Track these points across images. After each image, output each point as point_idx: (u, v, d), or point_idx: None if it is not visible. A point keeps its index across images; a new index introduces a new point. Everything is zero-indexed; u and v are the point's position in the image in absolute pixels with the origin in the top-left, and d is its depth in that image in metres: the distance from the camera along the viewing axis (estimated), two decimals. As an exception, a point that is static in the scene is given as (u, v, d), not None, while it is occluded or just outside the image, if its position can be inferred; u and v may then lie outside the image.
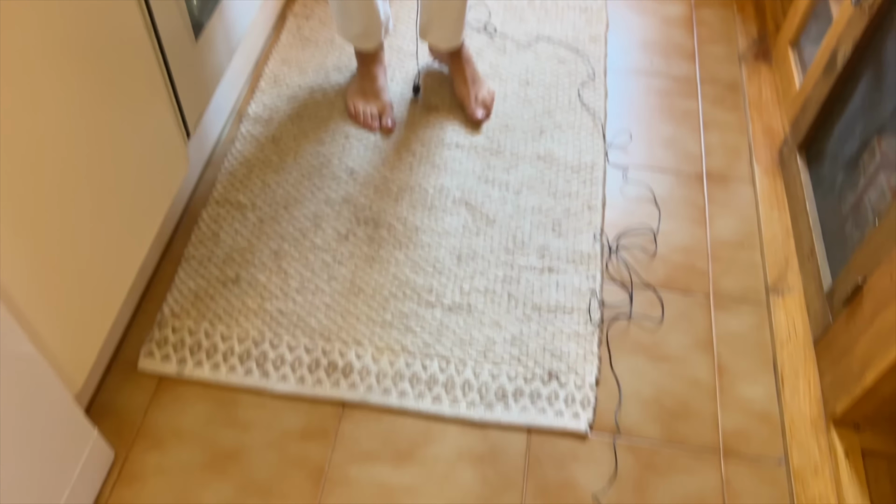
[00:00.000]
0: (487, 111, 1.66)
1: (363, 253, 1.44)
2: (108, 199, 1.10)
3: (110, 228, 1.12)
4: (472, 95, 1.64)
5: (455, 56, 1.65)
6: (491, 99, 1.67)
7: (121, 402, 1.25)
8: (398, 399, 1.26)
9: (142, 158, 1.18)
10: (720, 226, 1.52)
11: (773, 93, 1.73)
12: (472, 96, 1.64)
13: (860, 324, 1.17)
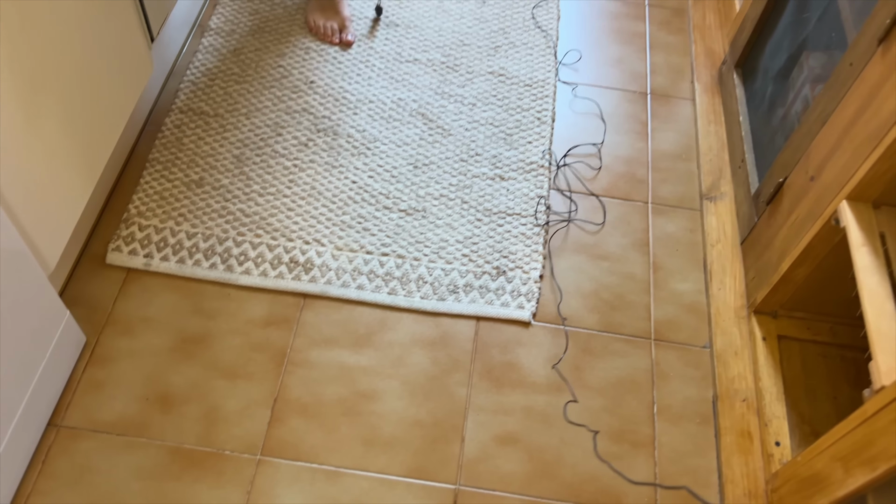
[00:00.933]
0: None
1: (323, 160, 1.50)
2: (76, 93, 1.14)
3: (80, 119, 1.16)
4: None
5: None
6: None
7: (91, 292, 1.31)
8: (356, 291, 1.35)
9: (108, 57, 1.22)
10: (661, 139, 1.61)
11: (717, 17, 1.82)
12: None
13: (779, 219, 1.28)
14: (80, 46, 1.14)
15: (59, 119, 1.11)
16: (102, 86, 1.22)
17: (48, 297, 1.12)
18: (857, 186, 1.05)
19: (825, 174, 1.14)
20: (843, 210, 1.07)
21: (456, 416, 1.24)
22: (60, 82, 1.10)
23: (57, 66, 1.09)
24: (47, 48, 1.06)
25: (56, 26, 1.07)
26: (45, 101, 1.07)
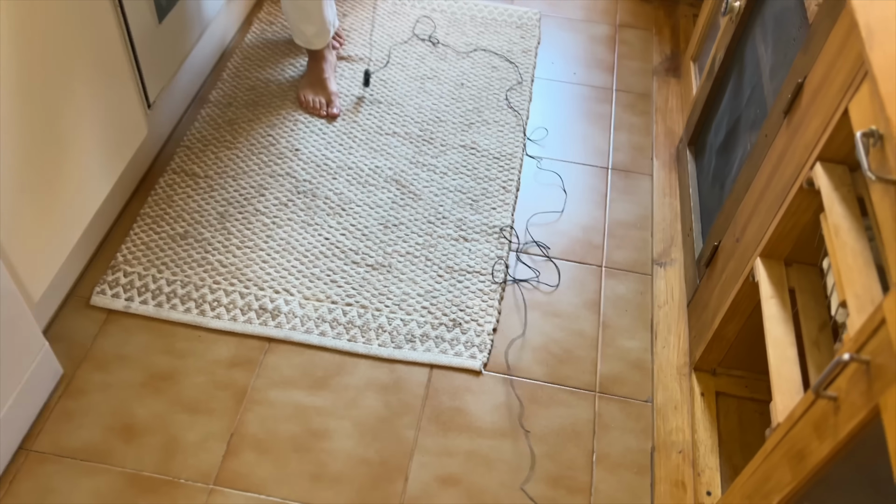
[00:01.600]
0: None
1: (300, 218, 1.63)
2: (71, 146, 1.28)
3: (73, 171, 1.30)
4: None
5: None
6: None
7: (73, 329, 1.42)
8: (318, 337, 1.44)
9: (103, 117, 1.37)
10: (618, 209, 1.72)
11: (678, 101, 1.95)
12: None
13: (714, 280, 1.37)
14: (77, 104, 1.29)
15: (53, 168, 1.25)
16: (96, 142, 1.37)
17: (27, 328, 1.23)
18: (768, 244, 1.14)
19: (747, 235, 1.23)
20: (758, 266, 1.16)
21: (402, 457, 1.30)
22: (55, 134, 1.25)
23: (53, 119, 1.23)
24: (45, 102, 1.20)
25: (55, 84, 1.22)
26: (41, 150, 1.21)
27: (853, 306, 0.85)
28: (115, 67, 1.39)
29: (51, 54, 1.19)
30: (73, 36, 1.24)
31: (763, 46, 1.37)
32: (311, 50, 1.86)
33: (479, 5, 2.21)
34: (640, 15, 2.25)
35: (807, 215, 1.07)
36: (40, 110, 1.19)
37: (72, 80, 1.26)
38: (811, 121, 1.04)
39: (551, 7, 2.24)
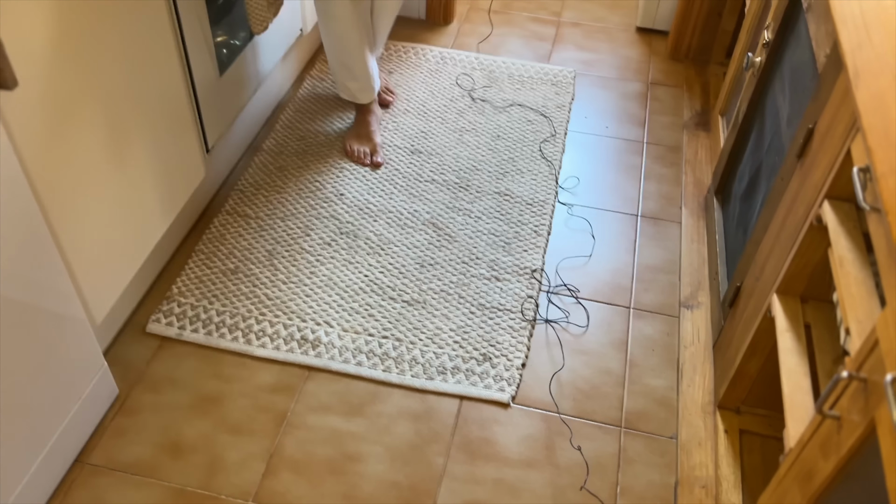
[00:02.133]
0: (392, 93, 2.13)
1: (342, 257, 1.73)
2: (136, 183, 1.42)
3: (137, 208, 1.43)
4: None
5: None
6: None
7: (129, 355, 1.53)
8: (355, 367, 1.51)
9: (168, 159, 1.51)
10: (647, 254, 1.78)
11: (707, 153, 2.03)
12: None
13: (737, 319, 1.41)
14: (144, 146, 1.42)
15: (120, 202, 1.38)
16: (159, 181, 1.50)
17: (90, 349, 1.34)
18: (784, 281, 1.19)
19: (765, 274, 1.29)
20: (774, 302, 1.20)
21: (431, 483, 1.35)
22: (124, 172, 1.38)
23: (122, 158, 1.37)
24: (116, 142, 1.34)
25: (125, 126, 1.36)
26: (110, 185, 1.34)
27: (855, 331, 0.90)
28: (179, 114, 1.53)
29: (124, 98, 1.33)
30: (145, 84, 1.39)
31: (781, 97, 1.44)
32: (358, 104, 2.00)
33: (516, 64, 2.33)
34: (672, 73, 2.34)
35: (818, 252, 1.12)
36: (112, 149, 1.33)
37: (141, 124, 1.40)
38: (820, 162, 1.11)
39: (586, 66, 2.36)
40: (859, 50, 0.86)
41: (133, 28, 1.32)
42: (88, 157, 1.27)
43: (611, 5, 2.66)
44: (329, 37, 1.88)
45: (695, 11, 2.29)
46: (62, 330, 1.25)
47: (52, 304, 1.21)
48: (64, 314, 1.25)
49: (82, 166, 1.25)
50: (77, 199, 1.26)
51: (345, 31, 1.84)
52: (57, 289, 1.22)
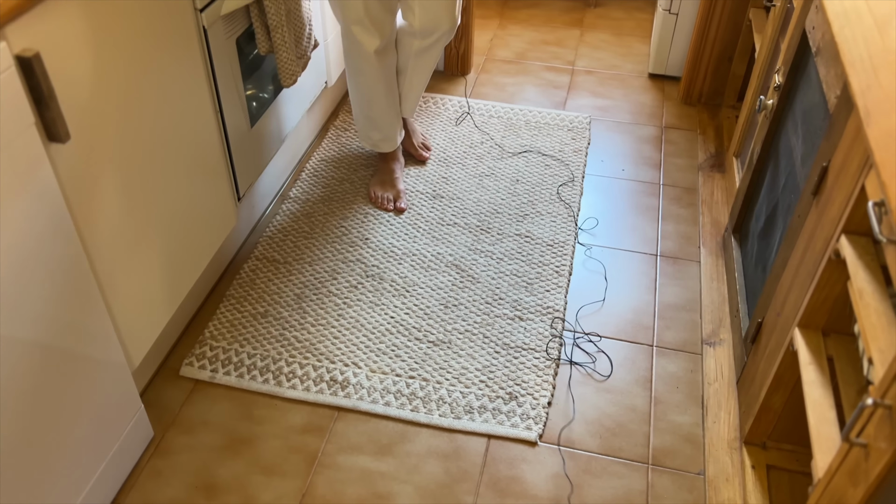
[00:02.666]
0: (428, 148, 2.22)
1: (368, 299, 1.77)
2: (172, 231, 1.47)
3: (173, 254, 1.48)
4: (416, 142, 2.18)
5: None
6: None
7: (163, 398, 1.56)
8: (383, 407, 1.54)
9: (200, 207, 1.57)
10: (667, 293, 1.81)
11: (723, 194, 2.07)
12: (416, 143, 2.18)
13: (759, 355, 1.43)
14: (180, 195, 1.49)
15: (155, 250, 1.44)
16: (193, 229, 1.56)
17: (128, 391, 1.38)
18: (805, 315, 1.21)
19: (786, 309, 1.31)
20: (796, 336, 1.23)
21: (461, 521, 1.37)
22: (160, 221, 1.44)
23: (159, 208, 1.43)
24: (154, 193, 1.40)
25: (163, 177, 1.42)
26: (147, 234, 1.40)
27: (878, 360, 0.92)
28: (214, 165, 1.60)
29: (164, 150, 1.40)
30: (183, 136, 1.45)
31: (795, 138, 1.49)
32: (381, 151, 2.07)
33: (532, 111, 2.40)
34: (685, 117, 2.40)
35: (838, 286, 1.15)
36: (151, 199, 1.39)
37: (178, 175, 1.46)
38: (836, 199, 1.14)
39: (600, 112, 2.42)
40: (869, 91, 0.91)
41: (173, 84, 1.39)
42: (130, 206, 1.33)
43: (623, 53, 2.74)
44: (356, 90, 1.96)
45: (705, 57, 2.36)
46: (102, 374, 1.29)
47: (95, 349, 1.26)
48: (105, 359, 1.29)
49: (124, 215, 1.31)
50: (119, 247, 1.31)
51: (371, 85, 1.92)
52: (100, 335, 1.27)
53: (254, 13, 1.60)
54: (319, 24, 2.02)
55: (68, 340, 1.18)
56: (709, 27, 2.30)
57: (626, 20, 2.96)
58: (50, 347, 1.15)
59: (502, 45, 2.77)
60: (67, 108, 1.11)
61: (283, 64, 1.70)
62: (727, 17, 2.27)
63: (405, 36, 1.92)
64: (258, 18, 1.61)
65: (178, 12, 1.38)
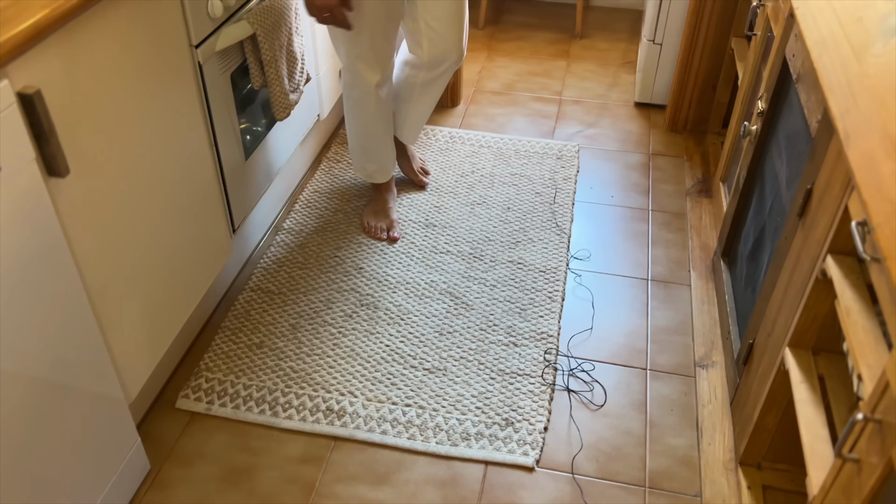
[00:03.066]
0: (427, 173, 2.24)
1: (363, 328, 1.78)
2: (167, 262, 1.49)
3: (169, 287, 1.50)
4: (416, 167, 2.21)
5: None
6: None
7: (160, 430, 1.56)
8: (380, 436, 1.55)
9: (197, 239, 1.59)
10: (659, 317, 1.83)
11: (711, 218, 2.10)
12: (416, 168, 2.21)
13: (752, 376, 1.45)
14: (176, 229, 1.50)
15: (152, 282, 1.45)
16: (188, 262, 1.57)
17: (125, 425, 1.38)
18: (795, 334, 1.23)
19: (776, 329, 1.33)
20: (787, 356, 1.25)
21: (460, 548, 1.36)
22: (157, 254, 1.45)
23: (156, 242, 1.44)
24: (149, 228, 1.42)
25: (161, 211, 1.44)
26: (143, 268, 1.41)
27: (866, 376, 0.94)
28: (209, 198, 1.62)
29: (160, 184, 1.42)
30: (179, 170, 1.47)
31: (779, 161, 1.53)
32: (375, 182, 2.09)
33: (522, 140, 2.44)
34: (672, 144, 2.45)
35: (826, 305, 1.17)
36: (148, 232, 1.40)
37: (174, 208, 1.48)
38: (820, 220, 1.17)
39: (588, 140, 2.46)
40: (848, 114, 0.94)
41: (169, 119, 1.41)
42: (127, 240, 1.34)
43: (609, 83, 2.79)
44: (354, 122, 1.99)
45: (690, 85, 2.41)
46: (99, 408, 1.29)
47: (91, 383, 1.26)
48: (101, 393, 1.29)
49: (122, 248, 1.33)
50: (117, 280, 1.32)
51: (370, 118, 1.95)
52: (96, 369, 1.27)
53: (248, 49, 1.64)
54: (312, 59, 2.05)
55: (65, 374, 1.19)
56: (692, 56, 2.36)
57: (611, 51, 3.02)
58: (46, 381, 1.15)
59: (491, 76, 2.82)
60: (67, 143, 1.13)
61: (276, 98, 1.73)
62: (710, 47, 2.33)
63: (410, 68, 1.96)
64: (252, 54, 1.65)
65: (175, 49, 1.41)
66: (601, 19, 3.26)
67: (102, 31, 1.19)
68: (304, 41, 1.93)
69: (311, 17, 1.67)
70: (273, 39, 1.66)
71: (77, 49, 1.14)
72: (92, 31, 1.16)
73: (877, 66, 0.98)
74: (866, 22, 1.10)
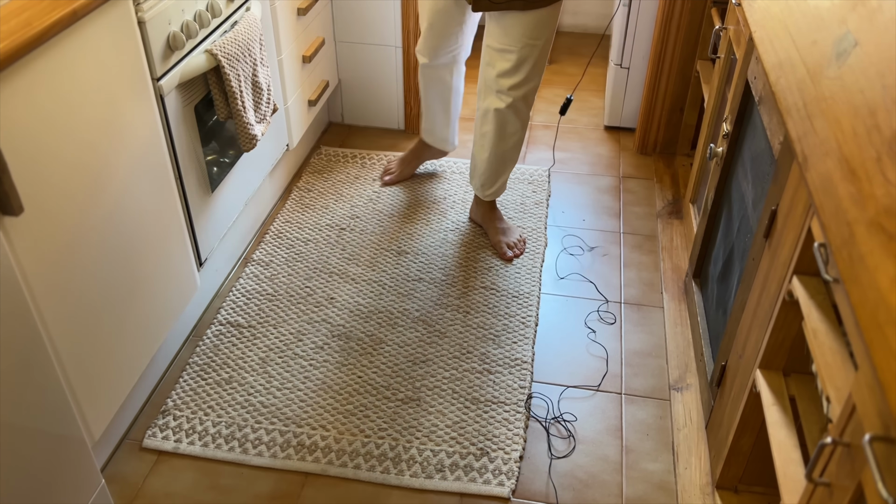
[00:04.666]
0: (514, 255, 2.07)
1: (335, 360, 1.75)
2: (136, 300, 1.46)
3: (134, 323, 1.46)
4: (501, 244, 2.09)
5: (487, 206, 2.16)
6: (521, 244, 2.10)
7: (126, 471, 1.52)
8: (353, 471, 1.51)
9: (164, 274, 1.56)
10: (633, 340, 1.82)
11: (682, 239, 2.11)
12: (500, 245, 2.09)
13: (725, 398, 1.44)
14: (141, 264, 1.47)
15: (116, 319, 1.41)
16: (154, 297, 1.54)
17: (87, 466, 1.34)
18: (765, 356, 1.23)
19: (747, 351, 1.33)
20: (758, 378, 1.24)
21: (435, 584, 1.33)
22: (121, 289, 1.42)
23: (118, 278, 1.41)
24: (112, 265, 1.39)
25: (125, 246, 1.41)
26: (106, 305, 1.38)
27: (834, 398, 0.93)
28: (175, 232, 1.59)
29: (122, 219, 1.39)
30: (142, 205, 1.45)
31: (745, 183, 1.53)
32: (422, 139, 2.33)
33: (494, 165, 2.44)
34: (642, 167, 2.46)
35: (794, 326, 1.17)
36: (111, 269, 1.37)
37: (138, 243, 1.45)
38: (785, 241, 1.17)
39: (559, 164, 2.47)
40: (805, 137, 0.94)
41: (131, 152, 1.39)
42: (88, 277, 1.31)
43: (578, 107, 2.81)
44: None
45: (658, 108, 2.43)
46: (60, 450, 1.25)
47: (52, 425, 1.22)
48: (63, 434, 1.25)
49: (82, 286, 1.30)
50: (78, 319, 1.29)
51: (422, 89, 2.24)
52: (56, 410, 1.23)
53: (211, 80, 1.62)
54: (279, 89, 2.05)
55: (22, 417, 1.15)
56: (659, 80, 2.38)
57: (579, 75, 3.04)
58: (3, 423, 1.11)
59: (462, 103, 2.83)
60: (21, 180, 1.11)
61: (242, 129, 1.72)
62: (676, 70, 2.36)
63: None
64: (216, 85, 1.64)
65: (136, 82, 1.39)
66: (569, 44, 3.29)
67: (58, 65, 1.17)
68: (271, 71, 1.92)
69: None
70: (237, 70, 1.65)
71: (32, 84, 1.12)
72: (47, 65, 1.15)
73: (831, 88, 0.99)
74: (821, 44, 1.11)
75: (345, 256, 2.07)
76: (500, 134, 1.95)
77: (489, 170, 2.03)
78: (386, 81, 2.56)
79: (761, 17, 1.38)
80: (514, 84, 1.85)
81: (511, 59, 1.81)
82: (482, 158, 2.03)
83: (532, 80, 1.86)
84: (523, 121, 1.94)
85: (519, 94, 1.86)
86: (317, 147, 2.55)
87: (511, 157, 2.01)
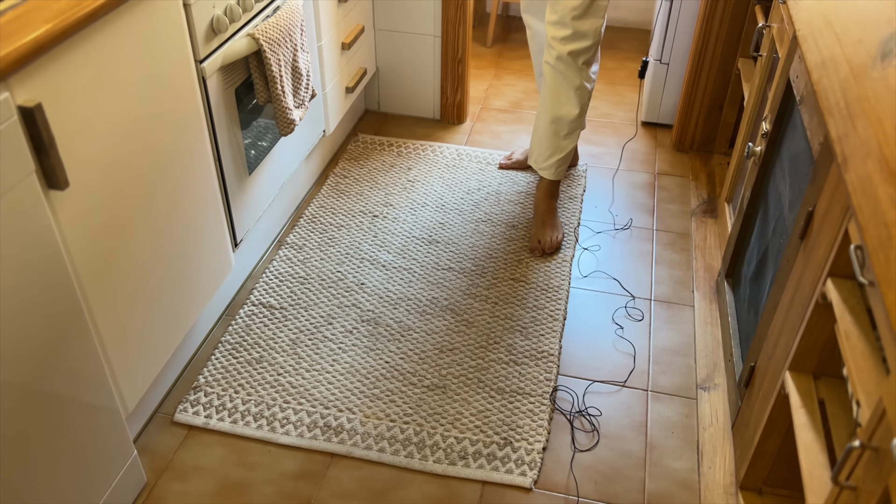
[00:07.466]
0: (541, 251, 2.04)
1: (363, 344, 1.78)
2: (174, 276, 1.49)
3: (169, 300, 1.50)
4: (535, 236, 2.07)
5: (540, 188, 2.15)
6: (553, 244, 2.05)
7: (157, 444, 1.56)
8: (377, 454, 1.53)
9: (200, 252, 1.59)
10: (661, 337, 1.81)
11: (715, 239, 2.09)
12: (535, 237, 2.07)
13: (753, 399, 1.43)
14: (176, 243, 1.51)
15: (152, 295, 1.45)
16: (191, 274, 1.57)
17: (121, 436, 1.38)
18: (795, 358, 1.22)
19: (777, 352, 1.32)
20: (787, 380, 1.23)
21: (455, 569, 1.35)
22: (158, 267, 1.45)
23: (156, 254, 1.44)
24: (151, 241, 1.42)
25: (162, 225, 1.45)
26: (143, 281, 1.42)
27: (864, 402, 0.93)
28: (212, 212, 1.62)
29: (162, 197, 1.43)
30: (181, 184, 1.48)
31: (783, 183, 1.52)
32: None
33: (528, 158, 2.44)
34: (678, 164, 2.44)
35: (826, 329, 1.16)
36: (150, 245, 1.41)
37: (176, 222, 1.49)
38: (821, 243, 1.16)
39: (595, 159, 2.46)
40: (846, 138, 0.93)
41: (172, 133, 1.42)
42: (127, 253, 1.34)
43: (615, 101, 2.79)
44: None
45: (696, 105, 2.41)
46: (96, 420, 1.29)
47: (88, 395, 1.26)
48: (98, 405, 1.29)
49: (122, 261, 1.33)
50: (116, 293, 1.33)
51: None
52: (94, 381, 1.27)
53: (253, 64, 1.65)
54: (318, 75, 2.07)
55: (62, 385, 1.19)
56: (699, 76, 2.36)
57: (619, 70, 3.02)
58: (43, 392, 1.15)
59: (497, 94, 2.83)
60: (67, 155, 1.14)
61: (280, 113, 1.74)
62: (717, 67, 2.33)
63: None
64: (257, 69, 1.66)
65: (179, 63, 1.42)
66: (609, 38, 3.26)
67: (106, 45, 1.20)
68: (311, 57, 1.94)
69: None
70: (278, 55, 1.67)
71: (79, 63, 1.15)
72: (95, 45, 1.18)
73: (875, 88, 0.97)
74: (866, 44, 1.09)
75: (377, 243, 2.09)
76: (554, 98, 1.98)
77: (545, 138, 2.06)
78: (423, 70, 2.56)
79: (807, 15, 1.36)
80: (564, 36, 1.87)
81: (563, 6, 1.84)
82: (538, 125, 2.08)
83: (582, 39, 1.85)
84: (576, 88, 1.94)
85: (565, 49, 1.88)
86: (353, 134, 2.57)
87: (565, 129, 2.02)
